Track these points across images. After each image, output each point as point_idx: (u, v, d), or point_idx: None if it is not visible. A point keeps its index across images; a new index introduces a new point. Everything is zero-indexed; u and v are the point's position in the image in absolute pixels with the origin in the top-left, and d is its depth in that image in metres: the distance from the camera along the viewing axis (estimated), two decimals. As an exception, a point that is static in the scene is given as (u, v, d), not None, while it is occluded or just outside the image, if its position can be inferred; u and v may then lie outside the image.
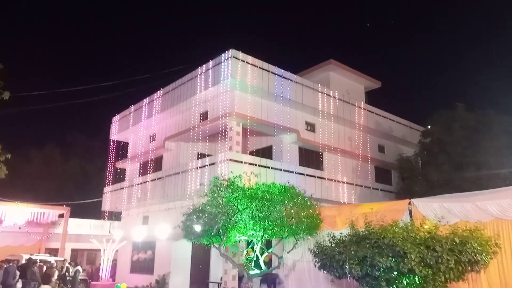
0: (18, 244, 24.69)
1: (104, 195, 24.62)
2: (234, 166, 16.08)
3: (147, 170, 22.81)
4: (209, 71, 18.71)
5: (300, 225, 10.79)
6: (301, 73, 23.15)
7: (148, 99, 23.18)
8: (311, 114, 20.73)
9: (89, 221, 27.96)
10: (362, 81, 26.03)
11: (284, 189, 11.69)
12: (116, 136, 25.67)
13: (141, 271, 20.93)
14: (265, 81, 18.53)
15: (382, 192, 23.20)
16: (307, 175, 19.45)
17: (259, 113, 18.49)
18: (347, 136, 22.57)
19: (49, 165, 37.42)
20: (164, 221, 19.05)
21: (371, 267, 7.83)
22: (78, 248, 27.06)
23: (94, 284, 19.91)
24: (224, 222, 10.95)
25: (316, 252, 9.10)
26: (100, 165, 33.40)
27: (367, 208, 10.17)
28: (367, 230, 8.49)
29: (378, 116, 24.42)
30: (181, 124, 20.82)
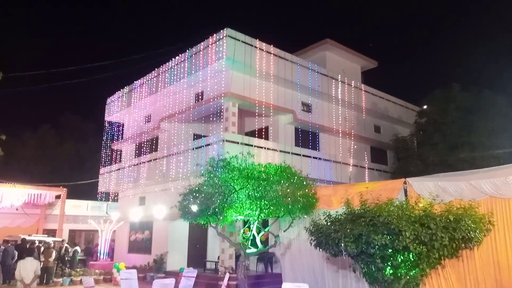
0: (16, 225, 24.79)
1: (101, 176, 24.65)
2: (230, 147, 16.09)
3: (142, 151, 22.79)
4: (204, 50, 18.52)
5: (296, 204, 10.85)
6: (297, 53, 22.97)
7: (142, 79, 22.99)
8: (307, 95, 20.68)
9: (86, 202, 28.05)
10: (358, 60, 25.92)
11: (280, 169, 11.73)
12: (111, 117, 25.52)
13: (139, 251, 21.13)
14: (261, 61, 18.38)
15: (377, 172, 23.37)
16: (303, 155, 19.51)
17: (255, 93, 18.41)
18: (343, 116, 22.57)
19: (44, 147, 37.30)
20: (161, 202, 19.15)
21: (366, 244, 7.93)
22: (76, 229, 27.23)
23: (92, 264, 20.10)
24: (220, 201, 11.01)
25: (312, 230, 9.20)
26: (95, 147, 33.34)
27: (362, 187, 10.25)
28: (363, 208, 8.57)
29: (374, 96, 24.41)
30: (176, 105, 20.71)
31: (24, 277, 9.88)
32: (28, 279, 9.87)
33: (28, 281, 9.87)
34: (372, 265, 8.41)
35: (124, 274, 10.72)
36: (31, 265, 10.14)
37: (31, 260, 10.47)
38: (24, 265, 10.17)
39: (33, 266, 10.13)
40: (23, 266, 10.12)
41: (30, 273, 9.95)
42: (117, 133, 25.40)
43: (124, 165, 22.91)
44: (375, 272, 8.45)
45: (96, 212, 26.91)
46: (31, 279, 9.89)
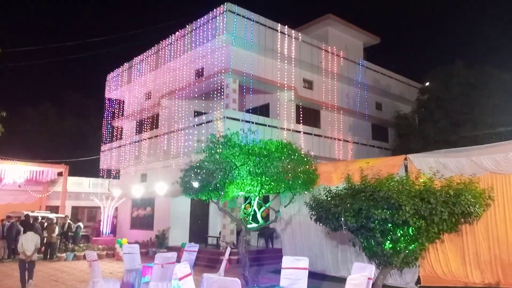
0: (19, 202, 25.02)
1: (102, 153, 24.73)
2: (230, 124, 16.07)
3: (143, 128, 22.78)
4: (203, 25, 18.27)
5: (297, 180, 10.87)
6: (299, 28, 22.66)
7: (142, 56, 22.78)
8: (309, 71, 20.50)
9: (88, 179, 28.22)
10: (361, 36, 25.60)
11: (281, 146, 11.70)
12: (111, 94, 25.41)
13: (141, 227, 21.39)
14: (261, 36, 18.15)
15: (378, 149, 23.40)
16: (304, 132, 19.50)
17: (256, 69, 18.25)
18: (345, 93, 22.45)
19: (45, 123, 37.26)
20: (162, 178, 19.26)
21: (366, 219, 7.98)
22: (79, 206, 27.48)
23: (95, 239, 20.38)
24: (222, 178, 11.01)
25: (312, 205, 9.25)
26: (97, 124, 33.31)
27: (363, 163, 10.25)
28: (363, 183, 8.59)
29: (376, 73, 24.21)
30: (176, 82, 20.57)
31: (26, 249, 10.59)
32: (29, 251, 10.59)
33: (29, 253, 10.58)
34: (371, 240, 8.49)
35: (126, 248, 10.83)
36: (32, 238, 10.79)
37: (32, 234, 11.07)
38: (26, 238, 10.82)
39: (34, 239, 10.79)
40: (25, 239, 10.78)
41: (31, 246, 10.66)
42: (117, 110, 25.35)
43: (125, 142, 22.95)
44: (375, 246, 8.54)
45: (98, 189, 27.09)
46: (32, 251, 10.63)
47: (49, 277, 12.67)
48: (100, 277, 8.92)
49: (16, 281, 11.82)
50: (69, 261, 16.60)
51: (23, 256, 10.58)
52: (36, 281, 11.88)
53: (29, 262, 10.67)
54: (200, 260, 14.81)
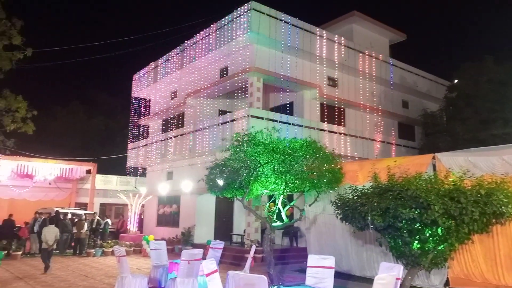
0: (49, 199, 25.83)
1: (129, 152, 25.22)
2: (254, 122, 16.10)
3: (169, 126, 23.12)
4: (228, 24, 18.36)
5: (322, 178, 10.79)
6: (323, 26, 22.51)
7: (167, 55, 23.09)
8: (333, 69, 20.34)
9: (115, 177, 28.86)
10: (386, 33, 25.21)
11: (306, 144, 11.66)
12: (138, 93, 25.89)
13: (167, 224, 21.72)
14: (286, 35, 18.11)
15: (405, 148, 23.02)
16: (329, 131, 19.36)
17: (280, 68, 18.23)
18: (370, 91, 22.17)
19: (74, 122, 38.31)
20: (188, 176, 19.51)
21: (393, 218, 7.85)
22: (106, 203, 28.14)
23: (123, 236, 20.82)
24: (246, 176, 11.07)
25: (338, 204, 9.17)
26: (124, 122, 33.99)
27: (390, 162, 10.07)
28: (390, 182, 8.45)
29: (403, 70, 23.80)
30: (201, 81, 20.77)
31: (48, 239, 12.70)
32: (50, 241, 12.70)
33: (51, 243, 12.70)
34: (399, 239, 8.35)
35: (153, 245, 11.03)
36: (53, 231, 12.97)
37: (52, 227, 13.30)
38: (47, 230, 12.98)
39: (54, 232, 12.99)
40: (47, 231, 12.95)
41: (52, 237, 12.79)
42: (144, 109, 25.82)
43: (152, 141, 23.34)
44: (402, 246, 8.40)
45: (124, 187, 27.70)
46: (52, 241, 12.75)
47: (78, 272, 13.02)
48: (128, 273, 9.11)
49: (50, 276, 12.23)
50: (97, 256, 17.01)
51: (45, 246, 12.70)
52: (66, 275, 12.28)
53: (50, 250, 12.76)
54: (225, 258, 14.92)
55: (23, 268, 13.58)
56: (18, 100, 17.20)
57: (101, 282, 11.27)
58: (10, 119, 16.87)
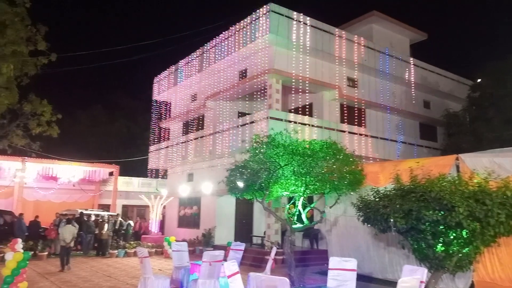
0: (73, 200, 26.42)
1: (150, 154, 25.58)
2: (274, 124, 16.10)
3: (189, 129, 23.34)
4: (247, 27, 18.44)
5: (343, 180, 10.71)
6: (342, 26, 22.38)
7: (187, 58, 23.33)
8: (353, 69, 20.20)
9: (137, 179, 29.32)
10: (407, 33, 24.86)
11: (326, 146, 11.60)
12: (158, 96, 26.24)
13: (188, 225, 21.92)
14: (305, 36, 18.08)
15: (427, 149, 22.67)
16: (349, 132, 19.22)
17: (299, 69, 18.21)
18: (391, 91, 21.92)
19: (96, 125, 39.07)
20: (208, 178, 19.65)
21: (416, 220, 7.75)
22: (128, 204, 28.59)
23: (144, 237, 21.10)
24: (266, 177, 11.08)
25: (360, 206, 9.10)
26: (145, 125, 34.47)
27: (412, 163, 9.93)
28: (413, 184, 8.35)
29: (424, 70, 23.45)
30: (221, 83, 20.91)
31: (65, 238, 13.66)
32: (68, 239, 13.66)
33: (68, 240, 13.64)
34: (422, 242, 8.24)
35: (175, 246, 11.15)
36: (70, 230, 13.90)
37: (70, 226, 14.08)
38: (65, 229, 13.95)
39: (71, 231, 13.91)
40: (65, 230, 13.92)
41: (69, 236, 13.75)
42: (165, 112, 26.16)
43: (172, 143, 23.61)
44: (426, 249, 8.28)
45: (146, 189, 28.11)
46: (70, 239, 13.70)
47: (102, 272, 13.27)
48: (151, 273, 9.23)
49: (74, 277, 12.51)
50: (120, 257, 17.28)
51: (63, 243, 13.61)
52: (90, 276, 12.53)
53: (68, 248, 13.65)
54: (245, 259, 14.95)
55: (48, 268, 13.92)
56: (43, 104, 17.66)
57: (124, 283, 11.45)
58: (35, 122, 17.34)
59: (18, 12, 12.83)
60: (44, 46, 13.93)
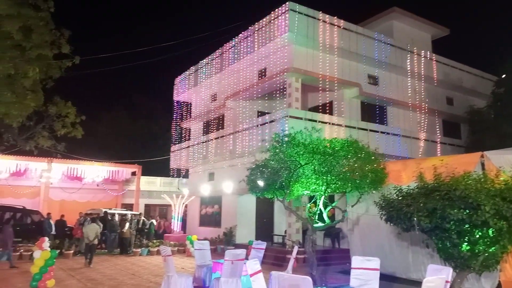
0: (97, 200, 26.99)
1: (172, 154, 25.89)
2: (294, 123, 16.08)
3: (210, 128, 23.53)
4: (266, 26, 18.47)
5: (365, 179, 10.62)
6: (362, 23, 22.17)
7: (207, 59, 23.50)
8: (374, 67, 19.99)
9: (159, 179, 29.72)
10: (428, 29, 24.42)
11: (347, 144, 11.53)
12: (179, 96, 26.52)
13: (209, 224, 22.11)
14: (324, 34, 17.99)
15: (450, 146, 22.25)
16: (370, 130, 19.04)
17: (319, 67, 18.13)
18: (413, 88, 21.59)
19: (118, 126, 39.75)
20: (228, 177, 19.77)
21: (441, 219, 7.62)
22: (151, 204, 29.02)
23: (167, 236, 21.38)
24: (286, 176, 11.09)
25: (382, 205, 9.01)
26: (166, 125, 34.90)
27: (436, 161, 9.76)
28: (437, 182, 8.21)
29: (446, 66, 23.02)
30: (240, 83, 20.99)
31: (89, 235, 14.35)
32: (91, 237, 14.33)
33: (91, 238, 14.32)
34: (447, 241, 8.09)
35: (197, 245, 11.28)
36: (93, 228, 14.56)
37: (93, 225, 14.85)
38: (89, 227, 14.66)
39: (94, 229, 14.53)
40: (88, 228, 14.64)
41: (93, 234, 14.37)
42: (185, 112, 26.44)
43: (193, 143, 23.83)
44: (450, 248, 8.14)
45: (168, 188, 28.48)
46: (93, 237, 14.35)
47: (126, 270, 13.51)
48: (174, 272, 9.35)
49: (100, 274, 12.79)
50: (143, 256, 17.55)
51: (87, 241, 14.40)
52: (115, 274, 12.78)
53: (91, 245, 14.37)
54: (266, 258, 14.97)
55: (75, 266, 14.25)
56: (67, 106, 18.07)
57: (148, 281, 11.64)
58: (60, 124, 17.75)
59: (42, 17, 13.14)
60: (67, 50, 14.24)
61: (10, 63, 11.88)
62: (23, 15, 11.85)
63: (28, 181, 24.82)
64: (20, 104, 13.54)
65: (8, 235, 13.56)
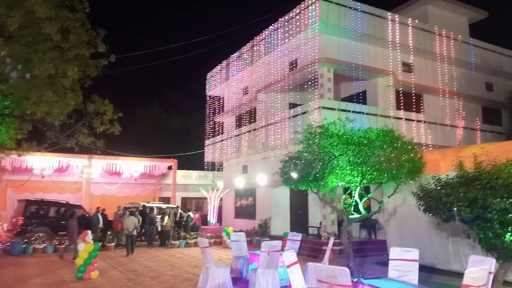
0: (135, 194, 27.79)
1: (206, 148, 26.29)
2: (326, 113, 15.96)
3: (242, 122, 23.69)
4: (296, 17, 18.32)
5: (401, 169, 10.44)
6: (395, 10, 21.62)
7: (238, 52, 23.60)
8: (408, 54, 19.48)
9: (194, 172, 30.28)
10: (465, 12, 23.49)
11: (382, 134, 11.34)
12: (211, 91, 26.82)
13: (244, 216, 22.36)
14: (355, 22, 17.67)
15: (490, 133, 21.45)
16: (406, 119, 18.62)
17: (351, 56, 17.84)
18: (450, 75, 20.90)
19: (153, 122, 40.70)
20: (262, 170, 19.88)
21: (482, 209, 7.40)
22: (187, 197, 29.62)
23: (204, 228, 21.80)
24: (320, 168, 11.04)
25: (420, 195, 8.82)
26: (199, 120, 35.40)
27: (476, 149, 9.45)
28: (478, 170, 7.96)
29: (485, 50, 22.11)
30: (271, 75, 20.97)
31: (128, 227, 15.46)
32: (130, 228, 15.44)
33: (131, 229, 15.43)
34: (489, 231, 7.85)
35: (234, 236, 11.46)
36: (132, 220, 15.65)
37: (132, 217, 15.88)
38: (128, 220, 15.74)
39: (133, 221, 15.62)
40: (128, 220, 15.73)
41: (132, 225, 15.48)
42: (218, 106, 26.74)
43: (227, 136, 24.09)
44: (493, 239, 7.89)
45: (203, 181, 28.97)
46: (132, 229, 15.45)
47: (165, 262, 13.90)
48: (212, 263, 9.56)
49: (140, 266, 13.22)
50: (181, 248, 17.97)
51: (127, 232, 15.58)
52: (155, 265, 13.17)
53: (131, 236, 15.43)
54: (302, 250, 14.96)
55: (116, 258, 14.79)
56: (105, 104, 18.56)
57: (187, 272, 11.94)
58: (99, 121, 18.30)
59: (79, 18, 13.54)
60: (103, 48, 14.60)
61: (51, 63, 12.31)
62: (61, 16, 12.24)
63: (70, 177, 25.85)
64: (61, 103, 14.03)
65: (73, 229, 14.13)
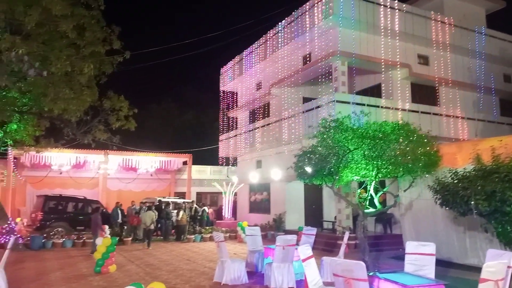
0: (151, 189, 28.12)
1: (220, 143, 26.40)
2: (341, 107, 15.86)
3: (256, 117, 23.71)
4: (309, 10, 18.20)
5: (417, 163, 10.33)
6: (410, 1, 21.31)
7: (251, 47, 23.57)
8: (424, 46, 19.21)
9: (209, 167, 30.46)
10: (482, 2, 23.00)
11: (398, 127, 11.23)
12: (225, 87, 26.87)
13: (259, 210, 22.44)
14: (370, 14, 17.48)
15: (508, 126, 21.06)
16: (422, 112, 18.41)
17: (365, 49, 17.68)
18: (466, 67, 20.54)
19: (168, 117, 41.01)
20: (276, 164, 19.90)
21: (501, 202, 7.32)
22: (202, 191, 29.84)
23: (219, 222, 21.96)
24: (335, 162, 10.99)
25: (437, 188, 8.75)
26: (213, 115, 35.52)
27: (494, 142, 9.32)
28: (496, 164, 7.87)
29: (503, 41, 21.68)
30: (284, 70, 20.91)
31: (146, 221, 16.15)
32: (148, 223, 16.13)
33: (148, 223, 16.13)
34: (507, 225, 7.77)
35: (249, 230, 11.52)
36: (149, 215, 16.25)
37: (150, 212, 16.45)
38: (145, 214, 16.35)
39: (150, 216, 16.22)
40: (145, 215, 16.37)
41: (149, 220, 16.12)
42: (232, 102, 26.80)
43: (240, 131, 24.15)
44: (511, 232, 7.81)
45: (217, 176, 29.13)
46: (149, 223, 16.12)
47: (181, 256, 14.06)
48: (227, 257, 9.65)
49: (157, 260, 13.40)
50: (197, 242, 18.14)
51: (144, 226, 16.25)
52: (171, 259, 13.33)
53: (148, 230, 16.08)
54: (316, 244, 14.97)
55: (133, 252, 15.01)
56: (120, 100, 18.75)
57: (203, 266, 12.07)
58: (115, 117, 18.51)
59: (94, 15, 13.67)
60: (118, 45, 14.72)
61: (67, 61, 12.48)
62: (76, 14, 12.37)
63: (87, 172, 26.26)
64: (78, 100, 14.21)
65: (96, 223, 14.29)
